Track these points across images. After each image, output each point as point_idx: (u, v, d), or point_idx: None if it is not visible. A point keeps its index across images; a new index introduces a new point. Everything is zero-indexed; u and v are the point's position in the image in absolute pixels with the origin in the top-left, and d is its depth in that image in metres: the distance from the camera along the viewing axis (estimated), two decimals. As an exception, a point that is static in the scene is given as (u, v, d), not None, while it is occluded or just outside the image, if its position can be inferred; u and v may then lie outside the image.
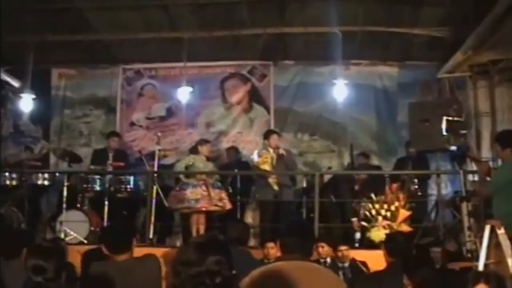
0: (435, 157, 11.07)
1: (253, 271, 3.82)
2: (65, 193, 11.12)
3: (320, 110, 14.19)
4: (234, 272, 2.91)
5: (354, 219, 10.66)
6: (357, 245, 10.26)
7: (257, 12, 12.29)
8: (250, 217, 12.16)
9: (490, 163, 9.05)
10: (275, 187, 11.17)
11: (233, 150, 13.51)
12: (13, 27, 11.67)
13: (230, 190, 11.78)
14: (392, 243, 5.74)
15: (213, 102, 14.83)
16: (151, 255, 6.02)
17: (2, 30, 10.89)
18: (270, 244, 8.62)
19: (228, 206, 10.91)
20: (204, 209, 10.69)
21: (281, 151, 11.23)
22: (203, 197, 10.66)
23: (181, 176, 11.21)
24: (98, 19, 12.55)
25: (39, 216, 12.02)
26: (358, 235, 10.59)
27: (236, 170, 12.55)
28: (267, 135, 11.72)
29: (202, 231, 10.49)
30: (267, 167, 11.18)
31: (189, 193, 10.67)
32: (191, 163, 11.12)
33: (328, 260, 8.42)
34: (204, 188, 10.73)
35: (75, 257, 7.29)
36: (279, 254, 7.94)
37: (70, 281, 4.88)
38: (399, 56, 13.93)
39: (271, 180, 11.22)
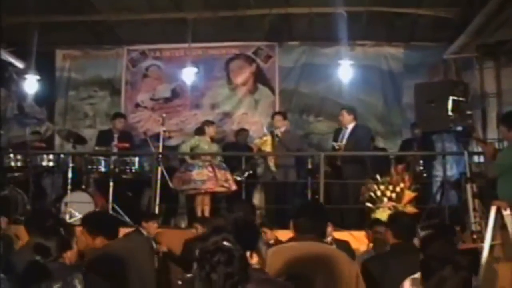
0: (441, 138, 11.05)
1: (268, 251, 3.85)
2: (69, 174, 11.13)
3: (325, 91, 14.15)
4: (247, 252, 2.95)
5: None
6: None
7: (262, -8, 12.26)
8: (256, 199, 12.16)
9: (496, 145, 9.03)
10: (273, 169, 11.21)
11: (245, 132, 13.46)
12: (17, 8, 11.63)
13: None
14: (397, 224, 5.69)
15: (218, 83, 14.80)
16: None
17: (6, 12, 10.85)
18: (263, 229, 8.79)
19: (234, 187, 10.92)
20: (210, 190, 10.70)
21: (277, 132, 11.29)
22: (210, 178, 10.67)
23: (187, 157, 11.20)
24: (102, -1, 12.51)
25: (44, 198, 12.04)
26: None
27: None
28: (272, 116, 11.93)
29: (207, 212, 10.51)
30: (268, 148, 11.22)
31: (195, 174, 10.66)
32: (196, 144, 11.10)
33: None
34: (210, 169, 10.74)
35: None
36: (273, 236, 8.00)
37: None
38: (404, 37, 13.87)
39: (270, 161, 11.27)
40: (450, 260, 3.74)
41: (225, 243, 2.85)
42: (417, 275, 4.41)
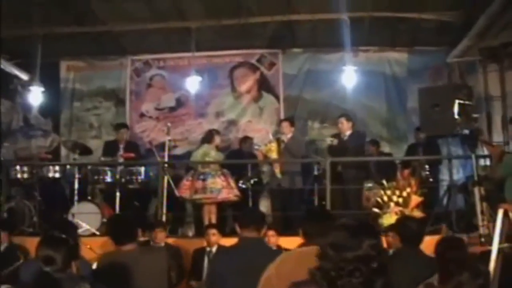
0: (446, 142, 11.04)
1: (277, 258, 3.87)
2: (76, 185, 11.14)
3: (330, 98, 14.16)
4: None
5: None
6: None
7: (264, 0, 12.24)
8: (263, 206, 12.14)
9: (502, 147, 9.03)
10: (278, 175, 11.18)
11: (249, 140, 13.40)
12: (20, 20, 11.67)
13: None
14: (405, 229, 5.70)
15: (222, 92, 14.83)
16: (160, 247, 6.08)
17: (10, 23, 10.87)
18: (271, 232, 8.81)
19: (240, 195, 10.96)
20: (226, 199, 10.72)
21: (283, 138, 11.30)
22: (224, 187, 10.67)
23: (198, 165, 11.17)
24: (104, 10, 12.47)
25: (51, 209, 12.03)
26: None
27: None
28: (279, 123, 12.28)
29: (214, 220, 10.49)
30: (273, 155, 11.19)
31: (210, 183, 10.64)
32: (207, 152, 11.07)
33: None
34: (222, 178, 10.75)
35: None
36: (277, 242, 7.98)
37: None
38: (408, 41, 13.87)
39: (276, 168, 11.25)
40: (468, 266, 3.72)
41: (376, 250, 2.67)
42: (431, 279, 4.40)
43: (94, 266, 5.75)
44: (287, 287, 2.91)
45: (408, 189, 9.75)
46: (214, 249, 8.95)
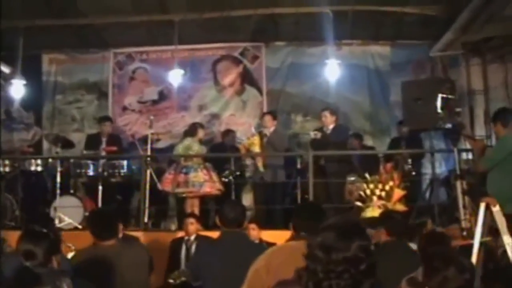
0: (429, 136, 11.07)
1: (267, 251, 3.92)
2: (58, 178, 11.08)
3: (313, 91, 14.16)
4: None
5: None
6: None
7: (248, -8, 12.24)
8: (245, 200, 12.13)
9: (485, 141, 9.07)
10: (261, 169, 11.19)
11: (231, 133, 13.34)
12: (1, 13, 11.56)
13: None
14: (391, 221, 5.74)
15: (205, 85, 14.78)
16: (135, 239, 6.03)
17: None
18: (252, 225, 8.78)
19: (222, 188, 10.96)
20: (208, 193, 10.72)
21: (266, 132, 11.30)
22: (206, 181, 10.67)
23: (180, 158, 11.15)
24: (86, 2, 12.41)
25: (33, 203, 11.97)
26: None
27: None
28: (261, 116, 12.26)
29: (197, 213, 10.46)
30: (256, 148, 11.19)
31: (192, 176, 10.65)
32: (190, 146, 11.05)
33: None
34: (205, 171, 10.76)
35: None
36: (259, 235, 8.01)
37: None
38: (391, 35, 13.89)
39: (258, 162, 11.25)
40: (454, 261, 3.72)
41: (365, 252, 2.60)
42: (414, 274, 4.40)
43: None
44: (275, 282, 2.92)
45: (391, 183, 9.76)
46: (192, 238, 8.95)
